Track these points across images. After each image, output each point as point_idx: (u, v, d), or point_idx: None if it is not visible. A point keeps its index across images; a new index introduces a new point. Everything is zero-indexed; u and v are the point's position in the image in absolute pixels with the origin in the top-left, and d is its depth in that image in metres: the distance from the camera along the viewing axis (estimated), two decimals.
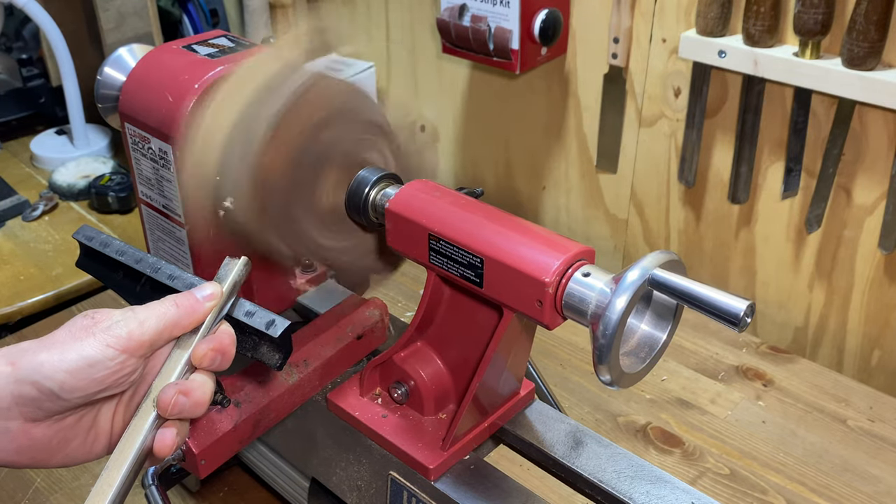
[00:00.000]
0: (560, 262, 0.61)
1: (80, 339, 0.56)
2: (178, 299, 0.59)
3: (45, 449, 0.57)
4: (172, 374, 0.58)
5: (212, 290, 0.61)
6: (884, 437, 1.05)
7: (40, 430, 0.56)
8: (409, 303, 1.29)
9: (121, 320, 0.57)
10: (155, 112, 0.76)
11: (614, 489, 0.71)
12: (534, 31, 1.25)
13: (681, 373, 1.16)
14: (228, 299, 0.62)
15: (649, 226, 1.37)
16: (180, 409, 0.57)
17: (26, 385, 0.54)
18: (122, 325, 0.57)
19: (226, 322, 0.62)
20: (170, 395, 0.57)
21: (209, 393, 0.59)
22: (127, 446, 0.56)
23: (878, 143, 1.08)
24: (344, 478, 0.82)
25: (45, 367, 0.54)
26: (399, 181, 0.74)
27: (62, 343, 0.55)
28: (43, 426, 0.56)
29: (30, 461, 0.57)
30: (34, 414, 0.55)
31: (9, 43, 1.80)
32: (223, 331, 0.61)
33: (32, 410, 0.55)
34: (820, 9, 1.02)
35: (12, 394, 0.54)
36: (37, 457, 0.57)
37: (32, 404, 0.55)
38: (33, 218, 1.50)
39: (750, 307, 0.55)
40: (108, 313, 0.58)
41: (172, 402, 0.56)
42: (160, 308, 0.58)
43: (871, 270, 1.15)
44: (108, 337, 0.56)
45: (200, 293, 0.60)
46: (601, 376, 0.60)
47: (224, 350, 0.60)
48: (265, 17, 1.67)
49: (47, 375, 0.54)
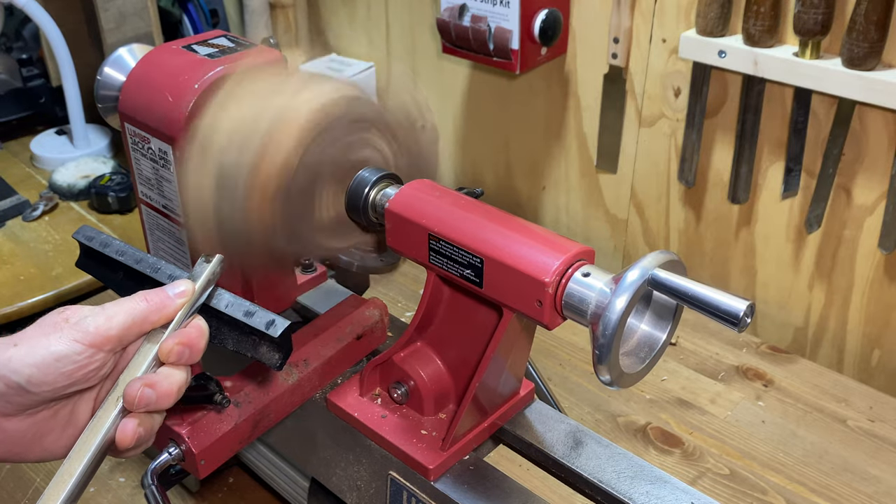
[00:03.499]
0: (560, 263, 0.61)
1: (47, 334, 0.56)
2: (148, 295, 0.60)
3: (19, 443, 0.58)
4: (140, 368, 0.59)
5: (184, 287, 0.61)
6: (884, 437, 1.05)
7: (13, 424, 0.57)
8: (408, 303, 1.29)
9: (89, 316, 0.58)
10: (155, 112, 0.76)
11: (614, 489, 0.71)
12: (534, 31, 1.25)
13: (681, 373, 1.16)
14: (200, 296, 0.62)
15: (649, 226, 1.37)
16: (147, 402, 0.57)
17: None
18: (89, 321, 0.57)
19: (199, 316, 0.62)
20: (135, 389, 0.57)
21: (176, 384, 0.59)
22: (89, 437, 0.57)
23: (878, 143, 1.08)
24: (344, 478, 0.82)
25: (12, 362, 0.55)
26: (399, 181, 0.74)
27: (31, 338, 0.56)
28: (15, 420, 0.57)
29: (6, 454, 0.58)
30: (5, 408, 0.56)
31: (9, 43, 1.80)
32: (193, 325, 0.61)
33: (3, 405, 0.56)
34: (820, 9, 1.02)
35: None
36: (12, 450, 0.58)
37: (2, 398, 0.56)
38: (33, 218, 1.50)
39: (750, 307, 0.55)
40: (78, 309, 0.59)
41: (138, 395, 0.57)
42: (129, 304, 0.59)
43: (871, 270, 1.15)
44: (75, 332, 0.57)
45: (172, 290, 0.61)
46: (601, 376, 0.60)
47: (192, 343, 0.60)
48: (265, 17, 1.67)
49: (14, 370, 0.55)
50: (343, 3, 1.68)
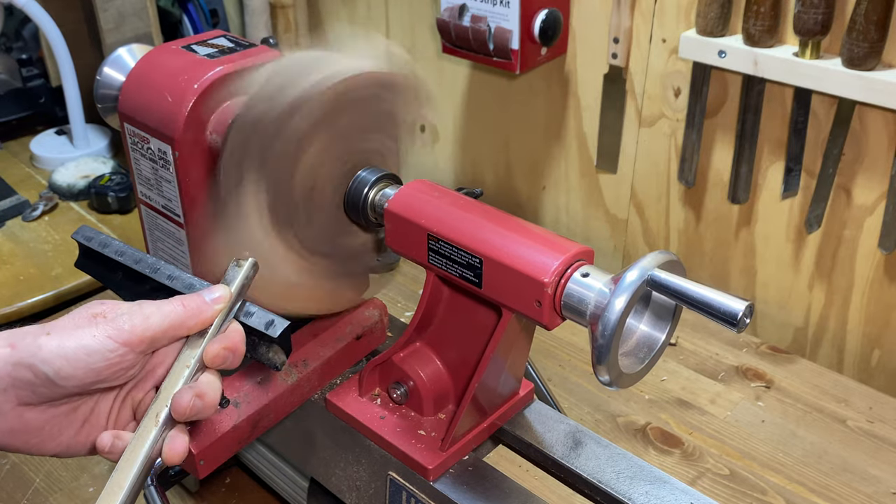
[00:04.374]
0: (559, 263, 0.61)
1: (81, 327, 0.56)
2: (185, 300, 0.60)
3: (36, 434, 0.58)
4: (183, 375, 0.58)
5: (220, 292, 0.61)
6: (883, 438, 1.05)
7: (33, 415, 0.57)
8: (408, 303, 1.29)
9: (126, 314, 0.57)
10: (154, 112, 0.76)
11: (613, 490, 0.71)
12: (534, 31, 1.25)
13: (680, 373, 1.16)
14: (237, 301, 0.62)
15: (649, 226, 1.37)
16: (197, 413, 0.57)
17: (23, 368, 0.54)
18: (125, 319, 0.57)
19: (235, 321, 0.62)
20: (188, 399, 0.57)
21: (219, 394, 0.59)
22: (137, 447, 0.57)
23: (878, 143, 1.08)
24: (343, 478, 0.82)
25: (43, 352, 0.54)
26: (398, 181, 0.74)
27: (63, 329, 0.56)
28: (36, 411, 0.57)
29: (22, 444, 0.58)
30: (28, 398, 0.56)
31: (9, 43, 1.80)
32: (233, 329, 0.61)
33: (27, 394, 0.55)
34: (820, 9, 1.02)
35: (10, 375, 0.55)
36: (29, 441, 0.58)
37: (28, 388, 0.55)
38: (33, 218, 1.50)
39: (748, 308, 0.55)
40: (115, 305, 0.58)
41: (190, 405, 0.57)
42: (167, 307, 0.59)
43: (871, 270, 1.15)
44: (109, 328, 0.56)
45: (209, 295, 0.61)
46: (600, 377, 0.60)
47: (235, 348, 0.60)
48: (265, 18, 1.67)
49: (45, 360, 0.54)
50: (343, 3, 1.68)
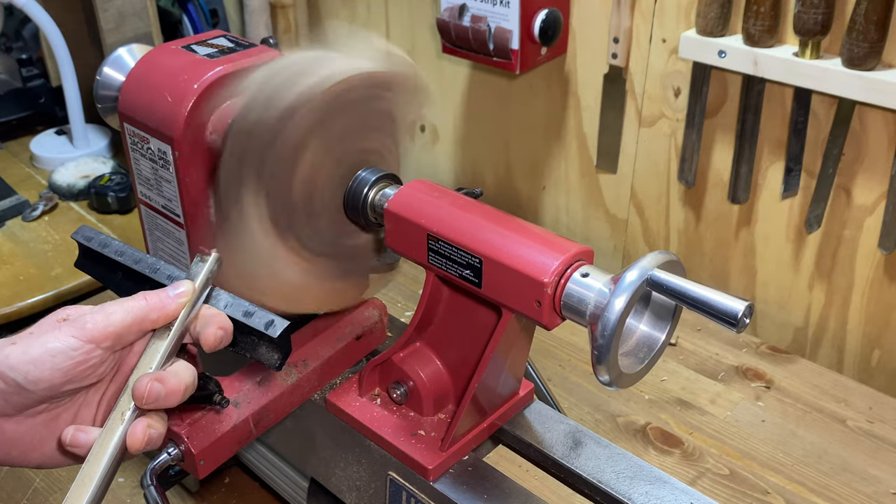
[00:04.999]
0: (559, 263, 0.61)
1: (47, 332, 0.57)
2: (148, 295, 0.61)
3: (18, 446, 0.59)
4: (151, 365, 0.59)
5: (184, 287, 0.62)
6: (883, 438, 1.05)
7: (11, 426, 0.58)
8: (408, 303, 1.29)
9: (87, 313, 0.59)
10: (154, 112, 0.76)
11: (613, 490, 0.71)
12: (534, 31, 1.25)
13: (680, 373, 1.16)
14: (200, 295, 0.63)
15: (649, 226, 1.37)
16: (156, 397, 0.57)
17: None
18: (88, 318, 0.58)
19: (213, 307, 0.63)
20: (144, 384, 0.57)
21: (184, 382, 0.59)
22: (106, 439, 0.57)
23: (878, 143, 1.08)
24: (343, 478, 0.82)
25: (10, 360, 0.56)
26: (398, 181, 0.74)
27: (29, 337, 0.57)
28: (13, 422, 0.58)
29: (4, 456, 0.59)
30: (4, 408, 0.57)
31: (9, 43, 1.80)
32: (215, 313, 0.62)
33: (1, 404, 0.56)
34: (820, 9, 1.02)
35: None
36: (10, 453, 0.59)
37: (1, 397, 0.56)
38: (33, 218, 1.50)
39: (748, 308, 0.55)
40: (78, 308, 0.60)
41: (147, 390, 0.57)
42: (129, 303, 0.60)
43: (871, 270, 1.15)
44: (73, 328, 0.57)
45: (173, 290, 0.62)
46: (600, 377, 0.60)
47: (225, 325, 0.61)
48: (265, 17, 1.67)
49: (12, 367, 0.55)
50: (343, 3, 1.68)
